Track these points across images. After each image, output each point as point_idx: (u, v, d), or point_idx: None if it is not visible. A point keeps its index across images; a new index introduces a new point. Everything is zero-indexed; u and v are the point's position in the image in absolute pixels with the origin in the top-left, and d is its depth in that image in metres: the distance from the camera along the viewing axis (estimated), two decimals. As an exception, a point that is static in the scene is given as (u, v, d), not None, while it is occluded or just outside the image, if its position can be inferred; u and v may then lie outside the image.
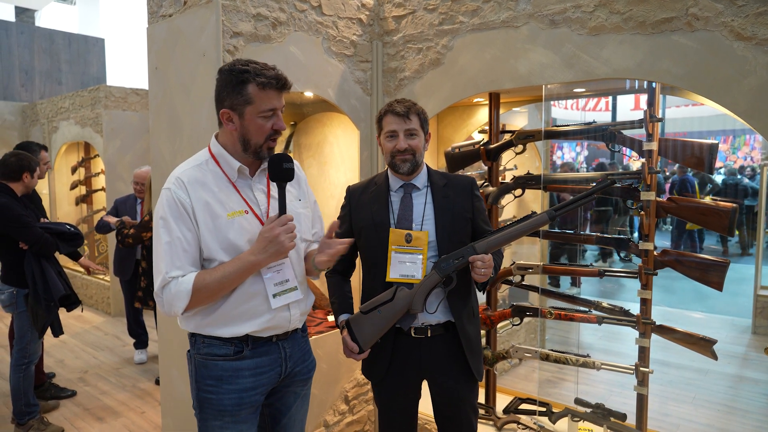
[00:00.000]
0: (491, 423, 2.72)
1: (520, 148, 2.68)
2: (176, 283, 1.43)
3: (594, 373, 3.13)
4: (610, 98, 8.20)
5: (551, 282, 4.85)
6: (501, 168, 2.87)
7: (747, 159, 10.59)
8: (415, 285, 1.75)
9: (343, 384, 2.84)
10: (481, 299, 2.70)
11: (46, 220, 3.33)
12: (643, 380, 2.35)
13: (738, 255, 8.40)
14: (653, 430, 2.58)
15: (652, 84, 2.25)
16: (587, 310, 2.57)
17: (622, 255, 2.45)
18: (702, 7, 1.92)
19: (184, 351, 1.65)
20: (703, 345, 2.27)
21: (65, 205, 6.89)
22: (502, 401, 2.82)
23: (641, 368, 2.33)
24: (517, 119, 3.81)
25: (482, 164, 2.89)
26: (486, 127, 2.85)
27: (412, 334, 1.83)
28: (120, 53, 11.79)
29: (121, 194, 4.93)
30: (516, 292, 3.51)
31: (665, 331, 2.35)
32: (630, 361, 2.41)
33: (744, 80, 1.86)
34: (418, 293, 1.74)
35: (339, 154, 3.19)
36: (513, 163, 3.10)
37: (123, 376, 4.14)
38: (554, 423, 2.60)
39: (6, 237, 3.06)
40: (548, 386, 3.51)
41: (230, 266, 1.46)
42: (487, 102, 2.83)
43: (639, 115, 2.29)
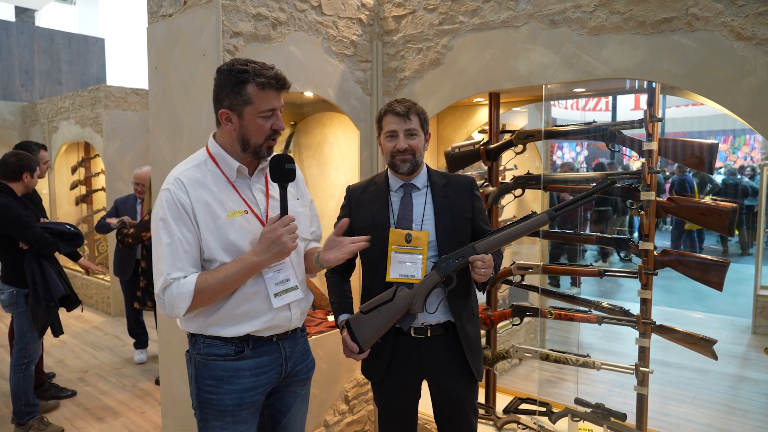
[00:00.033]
0: (491, 423, 2.72)
1: (520, 148, 2.68)
2: (178, 284, 1.43)
3: (594, 373, 3.13)
4: (610, 98, 8.20)
5: (551, 282, 4.85)
6: (501, 168, 2.87)
7: (747, 159, 10.59)
8: (415, 285, 1.75)
9: (343, 384, 2.84)
10: (481, 299, 2.70)
11: (46, 220, 3.33)
12: (643, 380, 2.35)
13: (738, 255, 8.40)
14: (653, 430, 2.58)
15: (652, 84, 2.25)
16: (587, 310, 2.57)
17: (622, 255, 2.45)
18: (702, 7, 1.92)
19: (184, 351, 1.64)
20: (703, 345, 2.27)
21: (65, 205, 6.89)
22: (502, 401, 2.82)
23: (641, 368, 2.33)
24: (517, 119, 3.81)
25: (482, 164, 2.89)
26: (486, 127, 2.85)
27: (412, 334, 1.83)
28: (120, 53, 11.79)
29: (121, 194, 4.93)
30: (516, 292, 3.51)
31: (665, 331, 2.35)
32: (630, 361, 2.41)
33: (744, 80, 1.86)
34: (418, 293, 1.74)
35: (339, 154, 3.19)
36: (513, 163, 3.10)
37: (123, 376, 4.14)
38: (554, 423, 2.60)
39: (6, 237, 3.06)
40: (548, 386, 3.51)
41: (232, 267, 1.46)
42: (487, 102, 2.83)
43: (639, 115, 2.29)
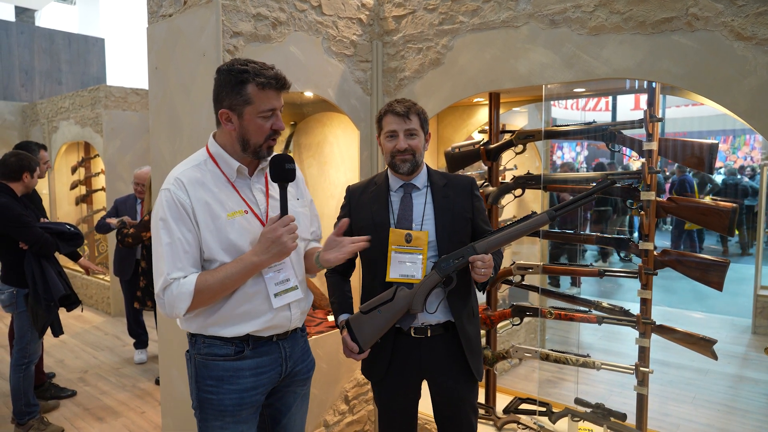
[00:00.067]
0: (491, 423, 2.72)
1: (520, 148, 2.68)
2: (178, 284, 1.43)
3: (594, 373, 3.13)
4: (610, 98, 8.20)
5: (551, 282, 4.85)
6: (501, 168, 2.87)
7: (747, 159, 10.59)
8: (415, 285, 1.75)
9: (343, 384, 2.84)
10: (481, 299, 2.70)
11: (46, 220, 3.33)
12: (643, 380, 2.35)
13: (738, 255, 8.40)
14: (653, 430, 2.58)
15: (652, 84, 2.25)
16: (587, 310, 2.56)
17: (622, 255, 2.45)
18: (702, 7, 1.92)
19: (184, 351, 1.64)
20: (703, 345, 2.27)
21: (65, 205, 6.89)
22: (502, 401, 2.82)
23: (641, 368, 2.33)
24: (517, 119, 3.81)
25: (482, 164, 2.89)
26: (486, 127, 2.85)
27: (412, 334, 1.83)
28: (120, 53, 11.79)
29: (121, 194, 4.93)
30: (516, 292, 3.51)
31: (665, 331, 2.35)
32: (630, 361, 2.41)
33: (744, 80, 1.86)
34: (418, 293, 1.74)
35: (339, 154, 3.18)
36: (513, 163, 3.10)
37: (123, 376, 4.14)
38: (554, 423, 2.60)
39: (6, 237, 3.06)
40: (548, 386, 3.51)
41: (232, 267, 1.46)
42: (487, 102, 2.83)
43: (639, 115, 2.29)
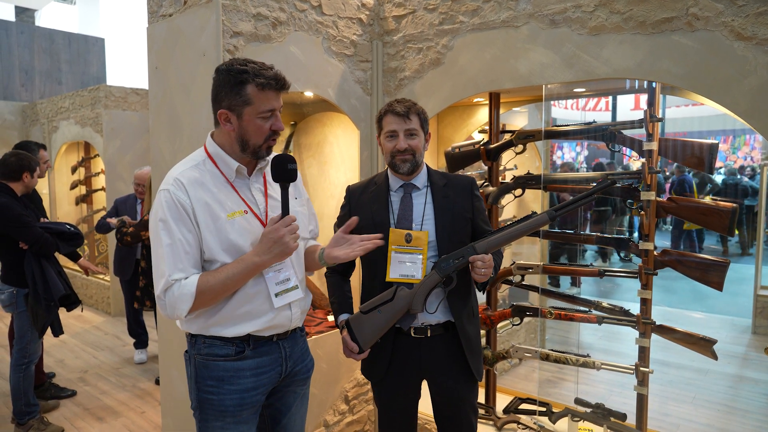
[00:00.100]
0: (491, 423, 2.72)
1: (520, 148, 2.68)
2: (179, 285, 1.42)
3: (594, 373, 3.12)
4: (610, 98, 8.20)
5: (551, 282, 4.85)
6: (501, 168, 2.87)
7: (747, 159, 10.59)
8: (415, 285, 1.75)
9: (343, 384, 2.84)
10: (481, 299, 2.70)
11: (46, 220, 3.33)
12: (643, 380, 2.35)
13: (738, 255, 8.40)
14: (653, 430, 2.58)
15: (652, 84, 2.25)
16: (587, 310, 2.57)
17: (622, 255, 2.45)
18: (702, 7, 1.91)
19: (183, 351, 1.64)
20: (703, 345, 2.27)
21: (65, 204, 6.89)
22: (502, 401, 2.82)
23: (641, 368, 2.33)
24: (517, 119, 3.80)
25: (482, 164, 2.89)
26: (486, 127, 2.85)
27: (412, 334, 1.83)
28: (120, 53, 11.78)
29: (121, 194, 4.93)
30: (516, 292, 3.51)
31: (665, 331, 2.35)
32: (630, 361, 2.41)
33: (744, 80, 1.86)
34: (418, 293, 1.74)
35: (339, 154, 3.18)
36: (513, 163, 3.10)
37: (123, 376, 4.14)
38: (554, 423, 2.59)
39: (6, 237, 3.06)
40: (548, 386, 3.51)
41: (234, 267, 1.45)
42: (487, 102, 2.83)
43: (639, 115, 2.29)
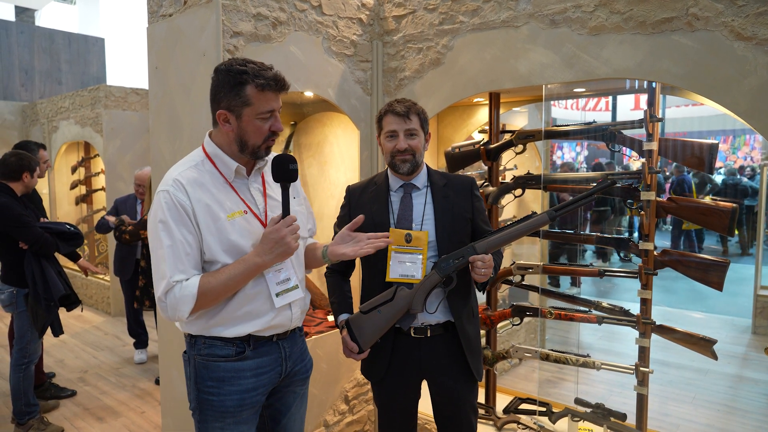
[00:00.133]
0: (491, 423, 2.72)
1: (520, 148, 2.68)
2: (180, 287, 1.41)
3: (594, 373, 3.13)
4: (610, 98, 8.20)
5: (551, 282, 4.86)
6: (501, 168, 2.87)
7: (747, 159, 10.59)
8: (415, 285, 1.75)
9: (343, 384, 2.84)
10: (481, 299, 2.70)
11: (45, 220, 3.33)
12: (643, 380, 2.35)
13: (738, 255, 8.40)
14: (653, 430, 2.58)
15: (652, 84, 2.25)
16: (587, 310, 2.56)
17: (622, 255, 2.45)
18: (702, 7, 1.92)
19: (182, 351, 1.63)
20: (703, 345, 2.27)
21: (65, 204, 6.89)
22: (502, 401, 2.82)
23: (641, 368, 2.33)
24: (517, 119, 3.81)
25: (482, 164, 2.89)
26: (486, 127, 2.85)
27: (412, 334, 1.83)
28: (120, 53, 11.79)
29: (121, 194, 4.93)
30: (516, 292, 3.51)
31: (665, 331, 2.35)
32: (630, 361, 2.41)
33: (744, 80, 1.86)
34: (418, 293, 1.74)
35: (339, 154, 3.18)
36: (513, 163, 3.10)
37: (123, 375, 4.14)
38: (554, 423, 2.59)
39: (6, 237, 3.06)
40: (548, 386, 3.51)
41: (235, 268, 1.45)
42: (487, 102, 2.83)
43: (639, 115, 2.29)
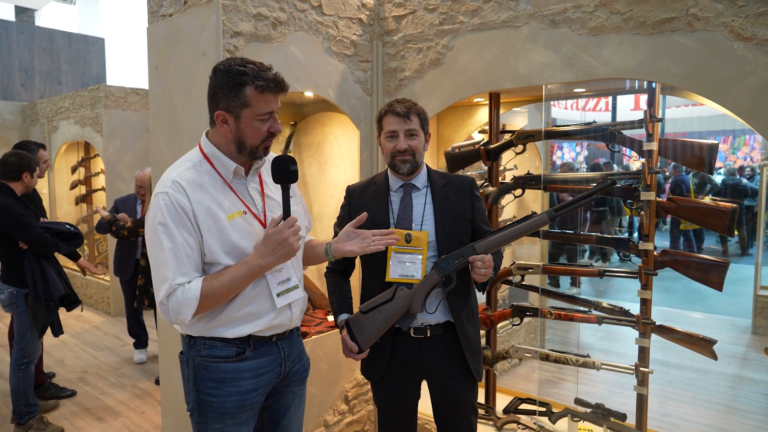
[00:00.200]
0: (491, 423, 2.72)
1: (520, 148, 2.68)
2: (183, 290, 1.40)
3: (594, 373, 3.13)
4: (610, 98, 8.20)
5: (551, 282, 4.86)
6: (501, 168, 2.87)
7: (747, 159, 10.59)
8: (414, 285, 1.75)
9: (343, 384, 2.84)
10: (481, 299, 2.70)
11: (45, 220, 3.33)
12: (643, 380, 2.35)
13: (738, 255, 8.40)
14: (653, 430, 2.58)
15: (652, 84, 2.25)
16: (587, 310, 2.57)
17: (622, 255, 2.45)
18: (702, 7, 1.92)
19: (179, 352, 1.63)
20: (703, 345, 2.27)
21: (65, 204, 6.89)
22: (502, 401, 2.82)
23: (641, 368, 2.33)
24: (517, 119, 3.81)
25: (482, 164, 2.89)
26: (486, 127, 2.85)
27: (412, 334, 1.83)
28: (120, 53, 11.78)
29: (121, 194, 4.93)
30: (516, 292, 3.51)
31: (665, 331, 2.35)
32: (630, 361, 2.41)
33: (744, 80, 1.86)
34: (418, 293, 1.74)
35: (339, 154, 3.18)
36: (513, 163, 3.10)
37: (123, 375, 4.14)
38: (554, 423, 2.60)
39: (6, 237, 3.06)
40: (548, 386, 3.51)
41: (237, 270, 1.44)
42: (487, 102, 2.83)
43: (639, 115, 2.29)
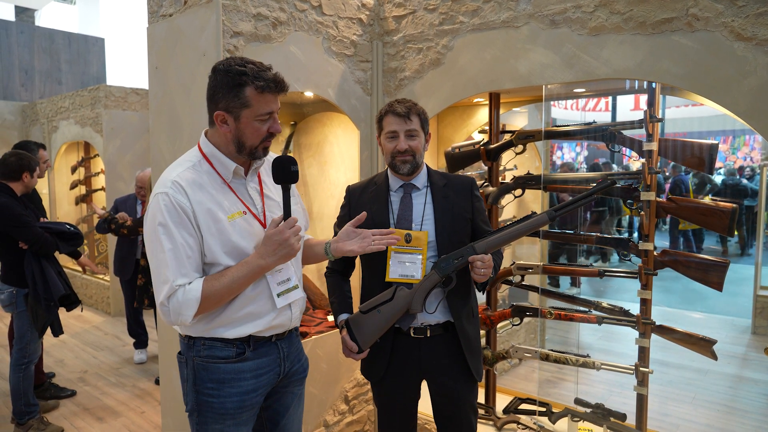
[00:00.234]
0: (491, 423, 2.72)
1: (520, 148, 2.68)
2: (184, 291, 1.39)
3: (594, 373, 3.13)
4: (610, 98, 8.20)
5: (551, 282, 4.86)
6: (501, 168, 2.87)
7: (747, 159, 10.59)
8: (414, 285, 1.75)
9: (343, 384, 2.84)
10: (481, 299, 2.70)
11: (45, 220, 3.33)
12: (642, 380, 2.35)
13: (737, 255, 8.40)
14: (653, 430, 2.58)
15: (652, 84, 2.25)
16: (587, 310, 2.57)
17: (622, 255, 2.45)
18: (702, 7, 1.92)
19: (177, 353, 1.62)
20: (703, 345, 2.27)
21: (65, 204, 6.89)
22: (502, 401, 2.82)
23: (641, 368, 2.33)
24: (517, 119, 3.81)
25: (482, 164, 2.89)
26: (486, 127, 2.85)
27: (412, 334, 1.83)
28: (120, 53, 11.78)
29: (121, 194, 4.93)
30: (516, 292, 3.51)
31: (665, 331, 2.35)
32: (630, 361, 2.41)
33: (744, 80, 1.86)
34: (418, 293, 1.74)
35: (339, 154, 3.19)
36: (513, 163, 3.10)
37: (123, 375, 4.14)
38: (554, 423, 2.60)
39: (6, 237, 3.06)
40: (548, 386, 3.51)
41: (238, 270, 1.43)
42: (487, 102, 2.83)
43: (639, 115, 2.29)
